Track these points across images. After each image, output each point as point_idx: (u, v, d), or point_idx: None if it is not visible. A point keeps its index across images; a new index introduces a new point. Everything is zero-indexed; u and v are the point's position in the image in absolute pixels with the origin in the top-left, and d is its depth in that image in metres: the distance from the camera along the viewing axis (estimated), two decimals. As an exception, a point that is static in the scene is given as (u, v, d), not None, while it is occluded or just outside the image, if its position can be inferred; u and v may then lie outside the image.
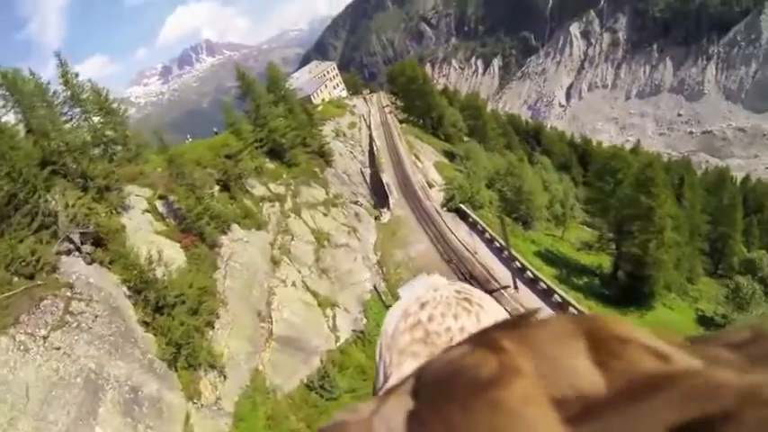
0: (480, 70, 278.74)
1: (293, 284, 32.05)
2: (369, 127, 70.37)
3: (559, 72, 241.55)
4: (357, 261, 37.37)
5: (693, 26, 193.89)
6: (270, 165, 42.47)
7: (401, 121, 78.97)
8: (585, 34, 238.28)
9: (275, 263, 32.72)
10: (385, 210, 45.92)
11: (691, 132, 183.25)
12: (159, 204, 30.43)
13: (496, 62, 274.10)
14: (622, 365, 0.33)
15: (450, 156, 66.55)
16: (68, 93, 31.59)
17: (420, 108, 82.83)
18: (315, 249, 36.10)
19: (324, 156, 49.07)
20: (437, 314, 0.80)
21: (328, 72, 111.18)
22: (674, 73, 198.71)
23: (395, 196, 47.15)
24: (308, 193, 41.41)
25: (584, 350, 0.35)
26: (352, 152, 58.91)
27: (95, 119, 33.59)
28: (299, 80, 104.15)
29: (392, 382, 0.73)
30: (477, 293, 0.88)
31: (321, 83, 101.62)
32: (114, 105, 35.27)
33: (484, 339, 0.41)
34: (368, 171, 56.21)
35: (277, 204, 37.96)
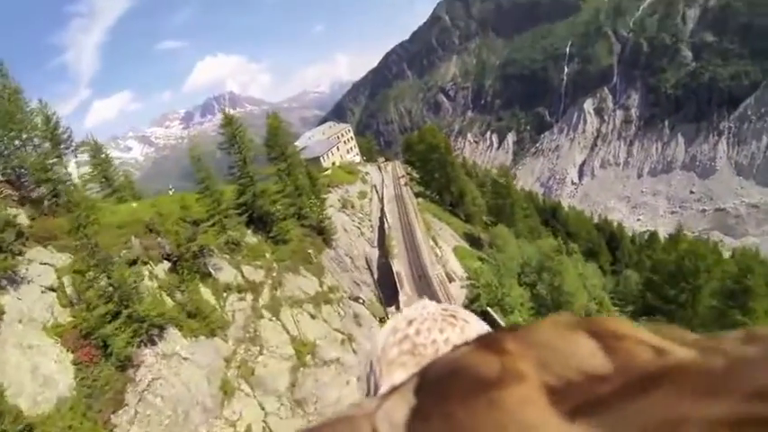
0: (495, 145, 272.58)
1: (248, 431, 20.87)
2: (381, 200, 60.52)
3: (573, 149, 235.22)
4: (350, 385, 26.30)
5: (704, 102, 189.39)
6: (251, 238, 32.06)
7: (417, 194, 68.98)
8: (599, 111, 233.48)
9: (227, 392, 21.63)
10: (393, 309, 34.78)
11: (703, 210, 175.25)
12: (70, 283, 20.07)
13: (511, 137, 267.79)
14: (621, 357, 0.34)
15: (472, 240, 56.01)
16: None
17: (438, 181, 73.57)
18: (292, 368, 25.22)
19: (323, 233, 38.80)
20: (423, 329, 0.83)
21: (343, 134, 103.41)
22: (686, 149, 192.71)
23: (406, 291, 36.15)
24: (294, 284, 30.70)
25: (587, 339, 0.36)
26: (359, 227, 48.51)
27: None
28: (312, 139, 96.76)
29: (383, 390, 0.75)
30: (462, 311, 0.91)
31: (334, 145, 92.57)
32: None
33: (486, 340, 0.41)
34: (376, 253, 45.41)
35: (249, 297, 27.36)
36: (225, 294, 26.28)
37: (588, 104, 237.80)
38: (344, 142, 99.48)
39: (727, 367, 0.29)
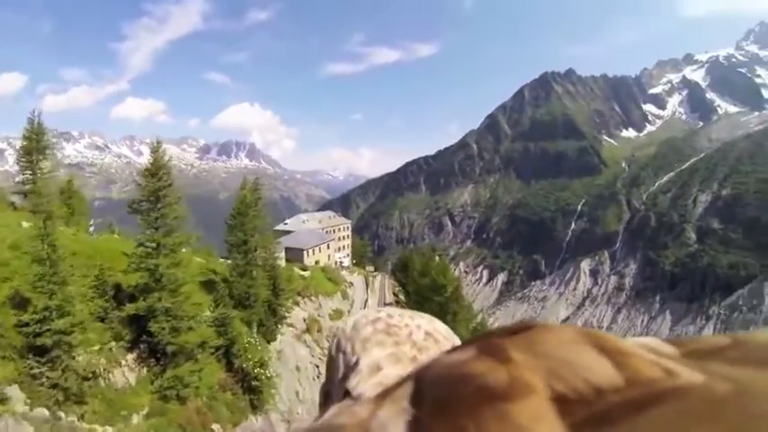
0: (484, 280, 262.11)
1: None
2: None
3: (559, 303, 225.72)
4: None
5: (699, 284, 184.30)
6: (123, 375, 18.40)
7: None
8: (594, 272, 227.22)
9: None
10: None
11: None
12: None
13: (501, 277, 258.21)
14: (630, 374, 0.33)
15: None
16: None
17: (428, 309, 58.59)
18: None
19: (254, 390, 24.38)
20: (395, 314, 0.83)
21: (340, 229, 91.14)
22: (671, 327, 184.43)
23: None
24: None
25: (595, 353, 0.35)
26: (317, 366, 33.99)
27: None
28: (305, 224, 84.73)
29: (362, 367, 0.73)
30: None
31: (326, 241, 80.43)
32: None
33: (489, 346, 0.39)
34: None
35: None
36: None
37: (585, 264, 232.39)
38: (339, 238, 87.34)
39: (732, 393, 0.29)
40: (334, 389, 0.77)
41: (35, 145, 28.30)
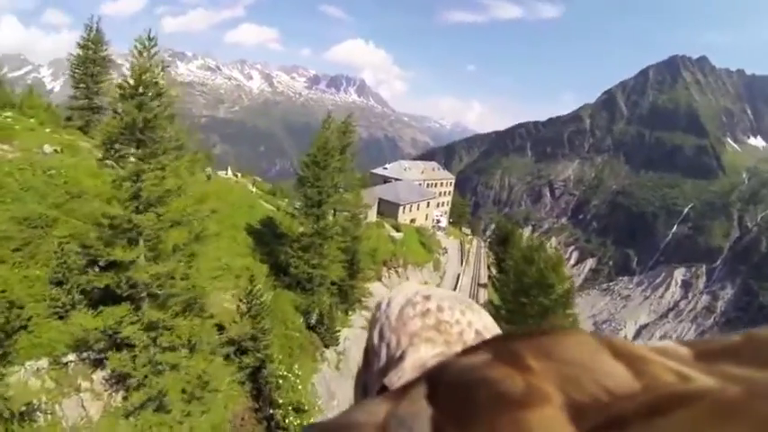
0: (572, 262, 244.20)
1: None
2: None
3: (642, 307, 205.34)
4: None
5: None
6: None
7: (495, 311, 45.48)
8: (686, 285, 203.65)
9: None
10: None
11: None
12: None
13: (590, 263, 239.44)
14: (647, 380, 0.32)
15: None
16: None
17: (529, 311, 49.18)
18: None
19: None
20: (445, 306, 0.77)
21: (442, 184, 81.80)
22: None
23: None
24: None
25: (613, 360, 0.34)
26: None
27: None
28: (406, 172, 76.13)
29: (407, 364, 0.68)
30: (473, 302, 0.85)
31: (426, 199, 69.99)
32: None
33: (505, 352, 0.38)
34: None
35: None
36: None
37: (679, 273, 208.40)
38: (439, 194, 77.49)
39: (743, 395, 0.29)
40: (372, 381, 0.74)
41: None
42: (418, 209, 66.35)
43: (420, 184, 74.42)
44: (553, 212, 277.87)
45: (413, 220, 62.19)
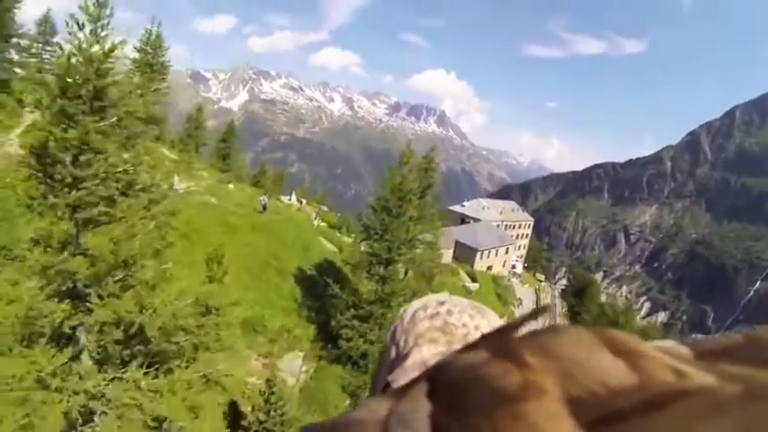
0: (642, 313, 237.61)
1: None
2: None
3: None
4: None
5: None
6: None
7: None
8: None
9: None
10: None
11: None
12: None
13: (662, 316, 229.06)
14: (643, 376, 0.32)
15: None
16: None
17: None
18: None
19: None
20: (455, 311, 0.79)
21: (521, 226, 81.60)
22: None
23: None
24: None
25: (611, 356, 0.34)
26: None
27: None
28: (484, 212, 76.38)
29: (409, 362, 0.71)
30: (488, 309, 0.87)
31: (505, 241, 66.31)
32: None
33: (503, 348, 0.38)
34: None
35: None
36: None
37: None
38: (518, 236, 76.79)
39: (741, 393, 0.28)
40: (380, 381, 0.77)
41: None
42: (496, 255, 62.72)
43: (498, 226, 71.74)
44: (626, 259, 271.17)
45: (489, 267, 59.27)
